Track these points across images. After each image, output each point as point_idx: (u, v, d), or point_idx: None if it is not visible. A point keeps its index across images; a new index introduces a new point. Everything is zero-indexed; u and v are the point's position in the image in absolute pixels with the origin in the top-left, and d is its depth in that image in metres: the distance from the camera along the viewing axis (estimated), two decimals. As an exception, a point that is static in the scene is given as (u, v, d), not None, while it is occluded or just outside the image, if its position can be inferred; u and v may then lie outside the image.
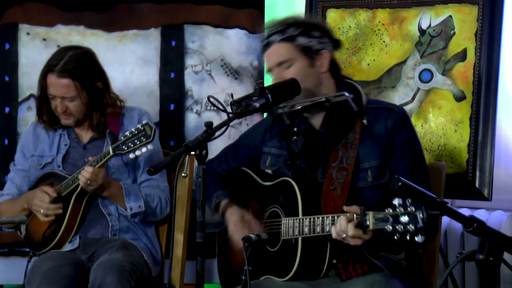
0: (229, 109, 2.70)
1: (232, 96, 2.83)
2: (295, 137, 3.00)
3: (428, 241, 2.95)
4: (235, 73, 3.97)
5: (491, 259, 2.11)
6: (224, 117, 2.66)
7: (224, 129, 2.63)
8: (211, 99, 2.66)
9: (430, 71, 3.74)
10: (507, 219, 3.70)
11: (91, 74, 3.44)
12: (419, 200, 2.18)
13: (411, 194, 2.17)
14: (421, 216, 2.40)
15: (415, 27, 3.78)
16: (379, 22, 3.84)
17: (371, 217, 2.54)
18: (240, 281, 2.81)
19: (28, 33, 3.93)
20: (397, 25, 3.82)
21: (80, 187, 3.33)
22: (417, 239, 2.41)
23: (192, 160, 2.98)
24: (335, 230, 2.67)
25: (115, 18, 3.95)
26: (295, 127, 3.00)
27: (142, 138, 3.20)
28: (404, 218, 2.42)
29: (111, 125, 3.49)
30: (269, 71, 3.01)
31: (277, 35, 2.95)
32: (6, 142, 3.89)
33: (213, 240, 3.30)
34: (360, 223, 2.60)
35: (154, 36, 3.97)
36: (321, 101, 2.92)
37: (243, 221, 3.02)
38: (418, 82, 3.77)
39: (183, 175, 2.64)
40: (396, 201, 2.44)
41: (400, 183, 2.15)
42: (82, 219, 3.41)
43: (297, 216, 2.84)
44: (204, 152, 2.59)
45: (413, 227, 2.40)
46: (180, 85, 3.97)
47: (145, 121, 3.25)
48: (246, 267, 2.76)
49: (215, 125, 2.64)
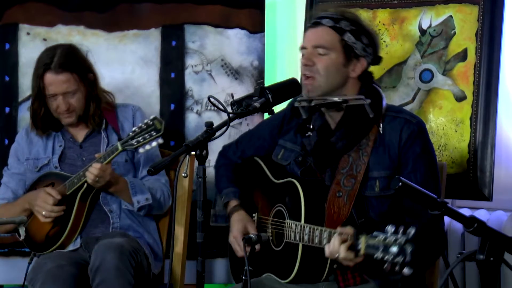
0: (229, 109, 2.70)
1: (232, 96, 2.83)
2: (309, 133, 2.96)
3: (434, 258, 2.96)
4: (235, 73, 3.96)
5: (491, 259, 2.11)
6: (225, 117, 2.66)
7: (224, 129, 2.63)
8: (212, 99, 2.66)
9: (430, 71, 3.74)
10: (507, 219, 3.70)
11: (83, 65, 3.49)
12: (419, 200, 2.18)
13: (411, 194, 2.17)
14: (410, 250, 2.35)
15: (415, 27, 3.78)
16: (379, 22, 3.84)
17: (363, 242, 2.49)
18: (251, 273, 2.79)
19: (28, 33, 3.92)
20: (397, 25, 3.81)
21: (85, 185, 3.33)
22: (405, 271, 2.36)
23: (193, 160, 2.98)
24: (328, 249, 2.62)
25: (115, 18, 3.94)
26: (312, 122, 2.96)
27: (152, 132, 3.22)
28: (393, 249, 2.37)
29: (108, 120, 3.52)
30: (302, 48, 2.92)
31: (329, 20, 2.88)
32: (6, 142, 3.88)
33: (214, 238, 3.29)
34: (352, 245, 2.55)
35: (154, 36, 3.97)
36: (337, 101, 2.86)
37: (245, 232, 3.00)
38: (418, 82, 3.77)
39: (183, 175, 2.64)
40: (389, 228, 2.41)
41: (400, 183, 2.15)
42: (86, 218, 3.42)
43: (299, 221, 2.82)
44: (205, 152, 2.59)
45: (401, 260, 2.36)
46: (180, 85, 3.97)
47: (153, 116, 3.26)
48: (246, 267, 2.76)
49: (215, 125, 2.63)
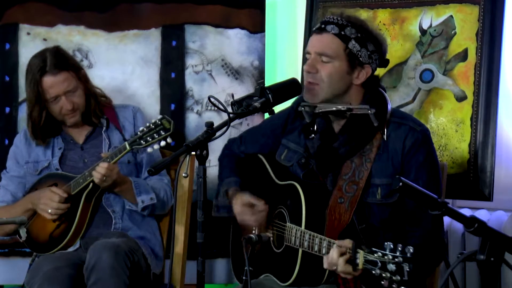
0: (229, 109, 2.70)
1: (232, 96, 2.82)
2: (313, 135, 2.95)
3: (434, 266, 2.96)
4: (235, 73, 3.96)
5: (492, 259, 2.11)
6: (225, 117, 2.65)
7: (225, 129, 2.62)
8: (212, 99, 2.65)
9: (431, 71, 3.74)
10: (508, 219, 3.69)
11: (74, 62, 3.51)
12: (420, 200, 2.18)
13: (412, 194, 2.17)
14: (407, 269, 2.36)
15: (416, 27, 3.78)
16: (380, 22, 3.84)
17: (361, 256, 2.50)
18: (251, 273, 2.78)
19: (28, 33, 3.92)
20: (398, 25, 3.81)
21: (91, 185, 3.33)
22: None
23: (193, 160, 2.98)
24: (326, 261, 2.63)
25: (115, 18, 3.94)
26: (315, 125, 2.95)
27: (161, 131, 3.23)
28: (391, 267, 2.39)
29: (110, 117, 3.52)
30: (307, 53, 2.92)
31: (334, 26, 2.87)
32: (6, 142, 3.88)
33: (214, 239, 3.29)
34: (351, 259, 2.55)
35: (154, 36, 3.96)
36: (342, 110, 2.86)
37: (246, 205, 2.98)
38: (419, 82, 3.76)
39: (183, 175, 2.63)
40: (387, 245, 2.42)
41: (401, 183, 2.15)
42: (90, 219, 3.41)
43: (300, 226, 2.81)
44: (205, 152, 2.59)
45: (399, 278, 2.38)
46: (180, 85, 3.97)
47: (161, 115, 3.27)
48: (246, 267, 2.76)
49: (215, 125, 2.63)
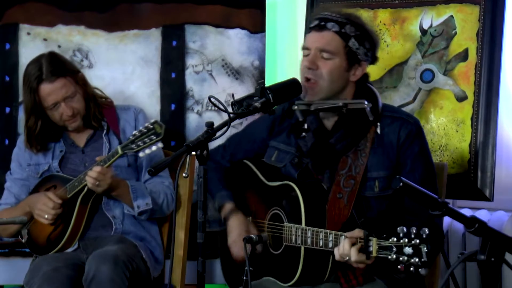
0: (230, 109, 2.70)
1: (233, 96, 2.82)
2: (304, 134, 2.96)
3: (435, 255, 2.95)
4: (236, 73, 3.96)
5: (492, 259, 2.11)
6: (225, 117, 2.65)
7: (225, 129, 2.62)
8: (212, 99, 2.65)
9: (431, 71, 3.73)
10: (508, 219, 3.69)
11: (71, 66, 3.48)
12: (420, 200, 2.18)
13: (412, 194, 2.17)
14: (426, 250, 2.38)
15: (416, 27, 3.77)
16: (380, 22, 3.84)
17: (374, 244, 2.52)
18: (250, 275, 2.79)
19: (28, 33, 3.92)
20: (398, 25, 3.81)
21: (86, 188, 3.31)
22: (421, 271, 2.39)
23: (193, 161, 2.97)
24: (338, 252, 2.63)
25: (115, 18, 3.94)
26: (307, 123, 2.96)
27: (152, 136, 3.19)
28: (408, 250, 2.40)
29: (109, 120, 3.49)
30: (305, 48, 2.93)
31: (334, 24, 2.88)
32: (7, 142, 3.88)
33: (214, 239, 3.29)
34: (363, 247, 2.57)
35: (155, 36, 3.96)
36: (338, 106, 2.87)
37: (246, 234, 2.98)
38: (419, 82, 3.76)
39: (184, 175, 2.63)
40: (400, 230, 2.42)
41: (401, 183, 2.14)
42: (88, 221, 3.40)
43: (300, 224, 2.81)
44: (205, 152, 2.59)
45: (417, 260, 2.39)
46: (181, 85, 3.96)
47: (154, 119, 3.24)
48: (247, 268, 2.76)
49: (216, 125, 2.63)
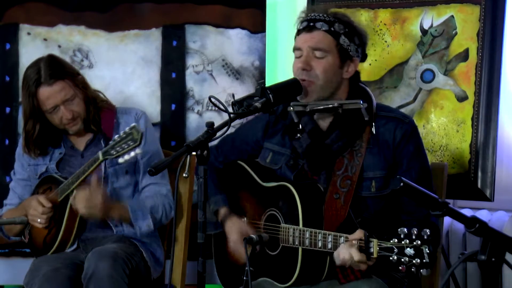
0: (230, 109, 2.69)
1: (233, 96, 2.82)
2: (298, 135, 2.96)
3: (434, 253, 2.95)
4: (236, 73, 3.96)
5: (493, 259, 2.11)
6: (226, 117, 2.65)
7: (225, 129, 2.62)
8: (212, 99, 2.65)
9: (432, 71, 3.73)
10: (509, 219, 3.69)
11: (70, 69, 3.42)
12: (421, 200, 2.17)
13: (413, 194, 2.17)
14: (427, 251, 2.39)
15: (417, 27, 3.77)
16: (380, 22, 3.83)
17: (375, 245, 2.52)
18: (241, 281, 2.80)
19: (29, 33, 3.92)
20: (399, 25, 3.81)
21: (75, 192, 3.27)
22: (423, 272, 2.40)
23: (193, 161, 2.97)
24: (339, 258, 2.64)
25: (116, 18, 3.94)
26: (301, 124, 2.96)
27: (129, 142, 3.14)
28: (410, 251, 2.40)
29: (105, 126, 3.43)
30: (297, 49, 2.94)
31: (323, 23, 2.89)
32: (7, 142, 3.88)
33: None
34: (363, 248, 2.57)
35: (155, 36, 3.96)
36: (334, 106, 2.88)
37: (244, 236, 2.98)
38: (420, 82, 3.76)
39: (184, 175, 2.63)
40: (401, 231, 2.42)
41: (402, 184, 2.14)
42: (82, 222, 3.37)
43: (297, 225, 2.81)
44: (205, 152, 2.58)
45: (419, 261, 2.39)
46: (181, 85, 3.96)
47: (133, 124, 3.18)
48: (247, 268, 2.75)
49: (216, 125, 2.62)
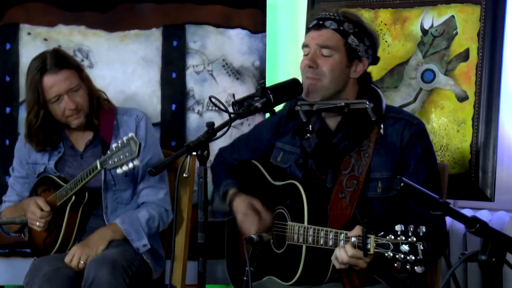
0: (230, 110, 2.69)
1: (233, 96, 2.82)
2: (308, 135, 2.96)
3: (438, 257, 2.97)
4: (236, 73, 3.96)
5: (493, 260, 2.11)
6: (226, 117, 2.65)
7: (225, 129, 2.62)
8: (213, 99, 2.65)
9: (432, 71, 3.73)
10: (509, 219, 3.69)
11: (75, 62, 3.39)
12: (421, 200, 2.17)
13: (413, 195, 2.17)
14: (422, 248, 2.38)
15: (417, 27, 3.77)
16: (381, 22, 3.83)
17: (372, 241, 2.52)
18: (252, 275, 2.79)
19: (29, 33, 3.92)
20: (399, 25, 3.81)
21: (73, 198, 3.27)
22: (416, 269, 2.39)
23: (194, 161, 2.97)
24: (337, 262, 2.64)
25: (116, 18, 3.94)
26: (310, 124, 2.96)
27: (127, 153, 3.11)
28: (405, 248, 2.40)
29: (104, 127, 3.39)
30: (304, 46, 2.93)
31: (332, 22, 2.89)
32: (7, 142, 3.88)
33: (214, 240, 3.29)
34: (360, 244, 2.57)
35: (155, 36, 3.96)
36: (340, 105, 2.88)
37: (252, 209, 2.97)
38: (420, 82, 3.76)
39: (184, 175, 2.63)
40: (398, 227, 2.42)
41: (402, 184, 2.14)
42: (80, 227, 3.36)
43: (302, 223, 2.81)
44: (206, 152, 2.58)
45: (413, 258, 2.39)
46: (181, 85, 3.96)
47: (131, 134, 3.14)
48: (247, 268, 2.75)
49: (216, 125, 2.63)
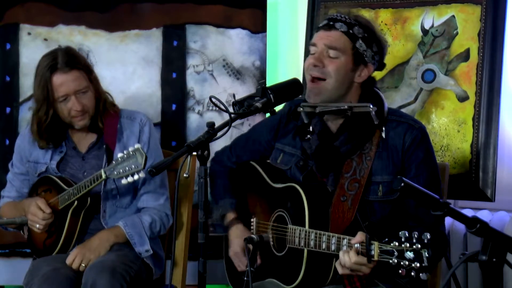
0: (231, 110, 2.69)
1: (234, 96, 2.83)
2: (309, 136, 2.95)
3: (437, 260, 2.95)
4: (237, 73, 3.96)
5: (494, 260, 2.10)
6: (226, 117, 2.65)
7: (226, 129, 2.62)
8: (213, 99, 2.65)
9: (433, 71, 3.73)
10: (510, 219, 3.69)
11: (86, 63, 3.36)
12: (422, 200, 2.17)
13: (414, 195, 2.16)
14: (427, 255, 2.38)
15: (417, 27, 3.77)
16: (381, 22, 3.83)
17: (376, 248, 2.52)
18: (252, 277, 2.79)
19: (29, 33, 3.92)
20: (399, 25, 3.81)
21: (76, 202, 3.25)
22: (422, 276, 2.40)
23: (194, 161, 2.97)
24: (341, 267, 2.64)
25: (116, 18, 3.94)
26: (311, 126, 2.95)
27: (132, 165, 3.09)
28: (409, 255, 2.40)
29: (108, 130, 3.36)
30: (312, 45, 2.93)
31: (342, 24, 2.88)
32: (7, 142, 3.88)
33: (215, 240, 3.28)
34: (363, 251, 2.56)
35: (156, 36, 3.96)
36: (343, 108, 2.87)
37: (243, 251, 2.99)
38: (421, 82, 3.76)
39: (184, 175, 2.63)
40: (402, 234, 2.43)
41: (403, 184, 2.14)
42: (81, 231, 3.34)
43: (303, 227, 2.81)
44: (206, 152, 2.58)
45: (418, 265, 2.39)
46: (182, 85, 3.96)
47: (137, 145, 3.11)
48: (248, 268, 2.75)
49: (217, 125, 2.62)
